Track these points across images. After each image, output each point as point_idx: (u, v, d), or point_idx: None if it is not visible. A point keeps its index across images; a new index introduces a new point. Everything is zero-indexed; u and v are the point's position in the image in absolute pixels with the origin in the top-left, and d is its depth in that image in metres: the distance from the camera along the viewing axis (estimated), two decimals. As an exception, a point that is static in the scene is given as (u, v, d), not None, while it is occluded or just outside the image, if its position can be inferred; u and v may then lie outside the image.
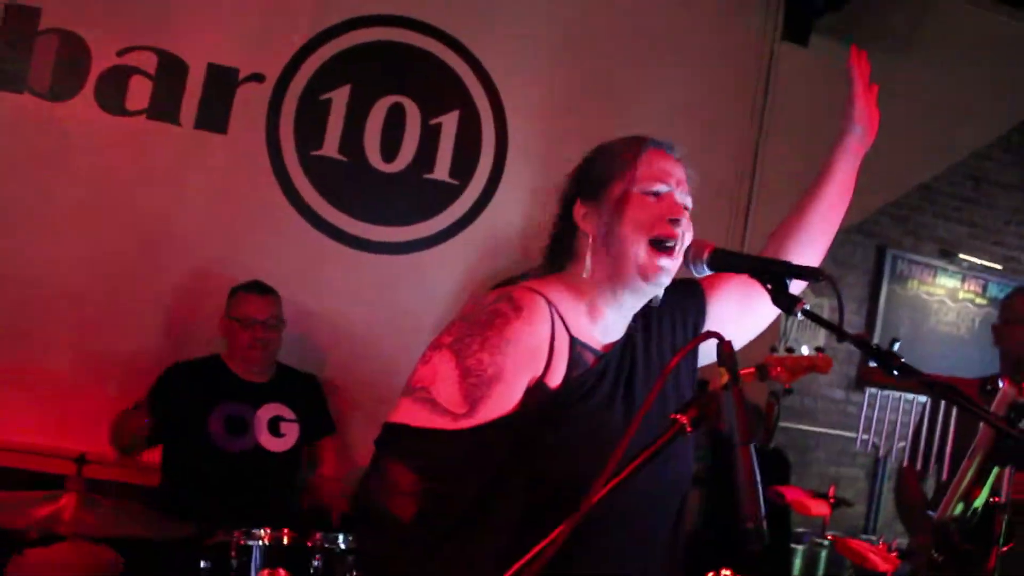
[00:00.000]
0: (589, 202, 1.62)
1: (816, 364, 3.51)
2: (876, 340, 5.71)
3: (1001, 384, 1.58)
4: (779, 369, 3.31)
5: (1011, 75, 4.58)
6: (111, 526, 2.24)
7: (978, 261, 6.09)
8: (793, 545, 4.25)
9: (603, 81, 4.13)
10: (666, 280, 1.59)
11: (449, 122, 3.96)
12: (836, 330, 1.49)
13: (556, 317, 1.56)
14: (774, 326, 2.09)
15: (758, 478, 1.21)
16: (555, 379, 1.53)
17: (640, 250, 1.55)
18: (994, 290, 6.06)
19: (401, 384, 3.97)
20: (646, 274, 1.56)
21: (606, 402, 1.57)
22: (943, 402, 2.86)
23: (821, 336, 4.69)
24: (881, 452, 5.56)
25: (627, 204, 1.57)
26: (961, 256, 6.01)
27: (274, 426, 3.32)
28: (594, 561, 1.51)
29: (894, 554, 2.29)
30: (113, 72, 3.62)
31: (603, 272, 1.60)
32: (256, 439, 3.25)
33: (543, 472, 1.50)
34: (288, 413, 3.35)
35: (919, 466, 2.75)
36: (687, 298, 1.74)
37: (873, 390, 5.33)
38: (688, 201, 1.62)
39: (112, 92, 3.61)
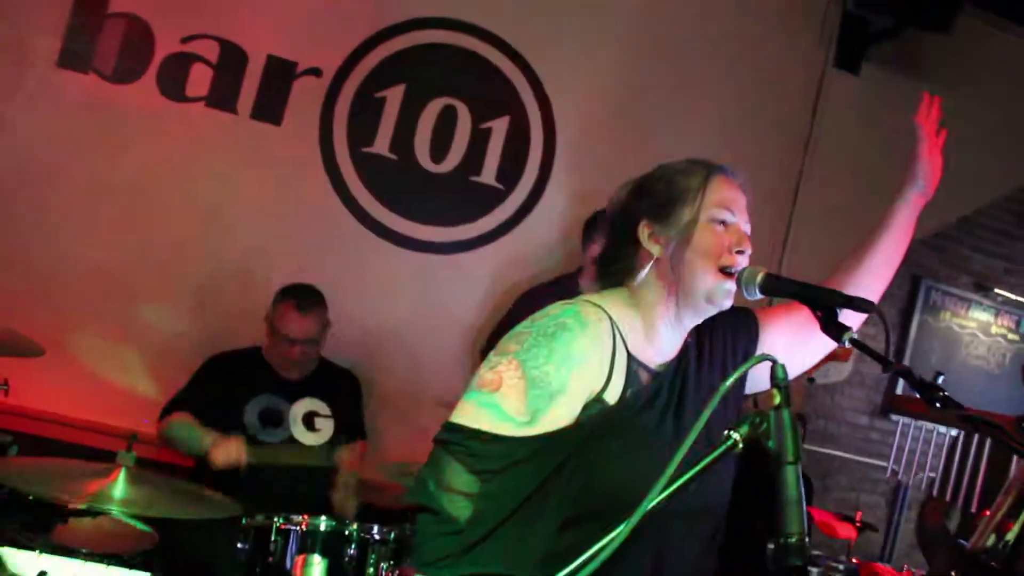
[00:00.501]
0: (655, 223, 1.66)
1: (836, 353, 3.52)
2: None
3: (1041, 423, 1.61)
4: None
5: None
6: (156, 503, 2.31)
7: (1013, 296, 6.05)
8: (810, 568, 4.28)
9: (653, 97, 4.18)
10: (730, 302, 1.64)
11: (499, 127, 4.02)
12: (883, 360, 1.54)
13: (617, 335, 1.61)
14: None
15: (803, 497, 1.26)
16: (613, 395, 1.58)
17: (708, 276, 1.61)
18: (1027, 327, 6.04)
19: (434, 383, 4.04)
20: (713, 299, 1.63)
21: (658, 419, 1.62)
22: (975, 436, 2.87)
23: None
24: (903, 480, 5.56)
25: (696, 231, 1.62)
26: (996, 291, 5.99)
27: (309, 421, 3.37)
28: (625, 570, 1.55)
29: (918, 581, 2.33)
30: (175, 58, 3.71)
31: (666, 292, 1.66)
32: (290, 432, 3.32)
33: (592, 482, 1.55)
34: (324, 409, 3.39)
35: (948, 497, 2.78)
36: (740, 326, 1.79)
37: (901, 418, 5.34)
38: (749, 229, 1.67)
39: (173, 78, 3.70)
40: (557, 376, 1.53)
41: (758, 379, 1.64)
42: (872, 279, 1.85)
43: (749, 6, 4.31)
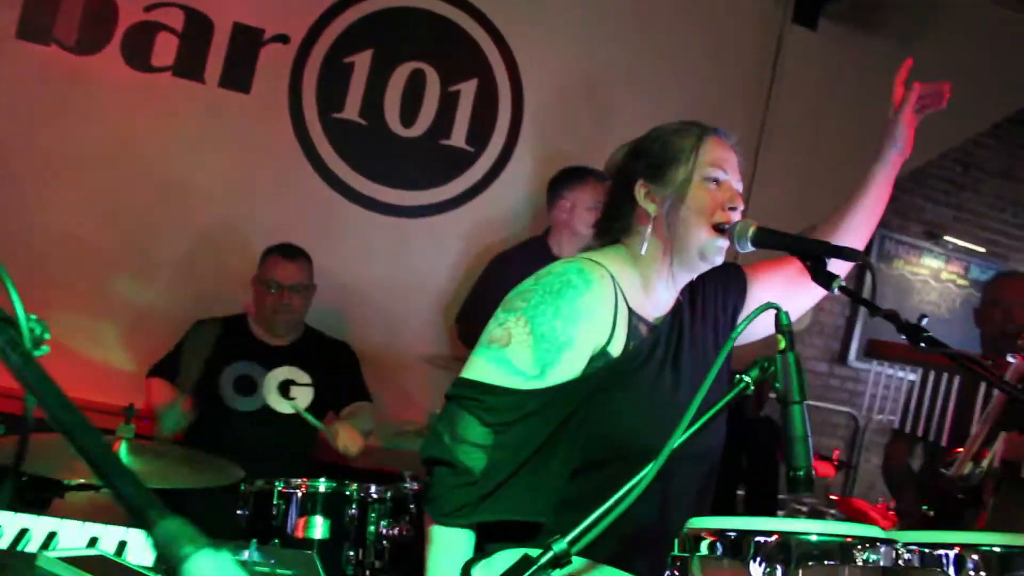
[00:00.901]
0: (650, 183, 1.74)
1: None
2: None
3: (1012, 358, 1.73)
4: None
5: (1007, 67, 4.72)
6: (157, 474, 2.33)
7: (962, 243, 6.28)
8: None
9: (618, 59, 4.23)
10: (721, 259, 1.72)
11: (467, 90, 4.05)
12: (870, 306, 1.64)
13: (618, 291, 1.70)
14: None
15: (809, 433, 1.35)
16: (616, 349, 1.67)
17: (702, 233, 1.69)
18: (976, 272, 6.26)
19: (408, 344, 4.08)
20: (705, 255, 1.71)
21: (657, 370, 1.71)
22: (931, 379, 2.98)
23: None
24: (863, 422, 5.78)
25: (690, 189, 1.70)
26: (946, 238, 6.20)
27: (284, 388, 3.35)
28: (635, 510, 1.64)
29: (891, 512, 2.46)
30: (140, 28, 3.66)
31: (662, 249, 1.74)
32: (264, 400, 3.31)
33: (599, 432, 1.64)
34: (302, 377, 3.38)
35: (908, 430, 2.91)
36: (730, 281, 1.87)
37: (862, 365, 5.54)
38: (740, 187, 1.74)
39: (138, 48, 3.66)
40: (564, 331, 1.61)
41: (747, 332, 1.72)
42: (853, 236, 1.94)
43: (710, -35, 4.37)
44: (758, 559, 1.05)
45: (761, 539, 1.06)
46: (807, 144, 4.43)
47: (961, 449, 2.08)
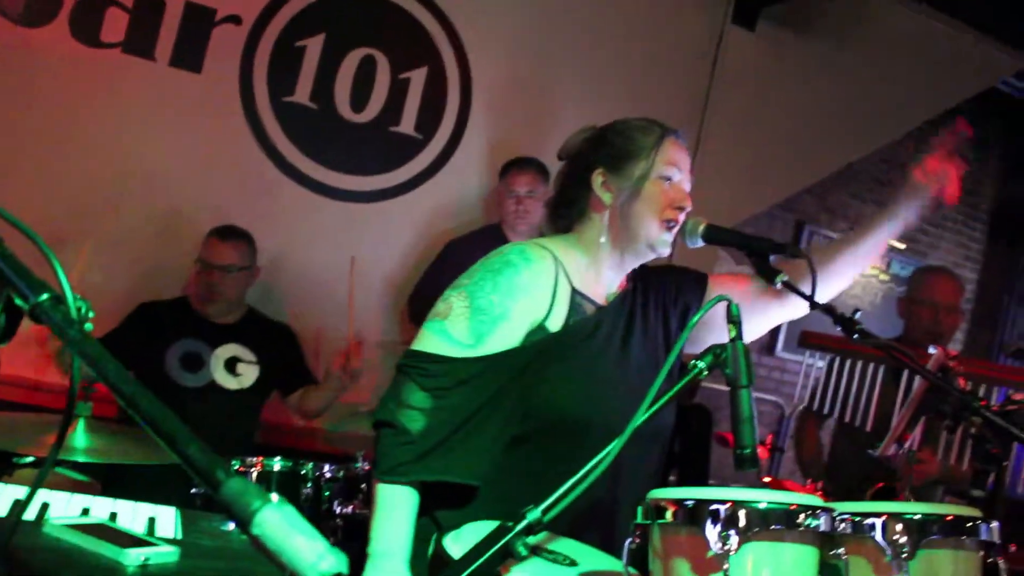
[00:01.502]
0: (609, 173, 1.85)
1: None
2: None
3: (933, 350, 1.89)
4: None
5: (930, 73, 4.97)
6: (115, 451, 2.36)
7: (884, 240, 6.55)
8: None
9: (564, 52, 4.33)
10: (667, 251, 1.84)
11: (417, 77, 4.10)
12: (809, 299, 1.78)
13: (560, 271, 1.81)
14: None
15: (756, 415, 1.47)
16: (555, 323, 1.78)
17: (652, 227, 1.81)
18: (896, 267, 6.56)
19: (357, 328, 4.13)
20: (654, 247, 1.84)
21: (600, 348, 1.82)
22: (835, 366, 3.09)
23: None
24: (787, 410, 6.03)
25: (646, 185, 1.82)
26: (871, 235, 6.46)
27: (231, 365, 3.41)
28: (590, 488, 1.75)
29: (819, 493, 2.64)
30: (89, 2, 3.62)
31: (613, 237, 1.86)
32: (212, 376, 3.36)
33: (534, 402, 1.74)
34: (248, 355, 3.43)
35: (816, 408, 3.10)
36: (690, 284, 1.97)
37: (787, 355, 5.77)
38: (689, 187, 1.86)
39: (87, 22, 3.62)
40: (500, 304, 1.73)
41: (699, 341, 1.84)
42: (837, 279, 1.94)
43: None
44: (714, 525, 1.17)
45: (716, 507, 1.18)
46: (745, 140, 4.60)
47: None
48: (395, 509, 1.67)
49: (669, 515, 1.22)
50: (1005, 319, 7.09)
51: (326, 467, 2.65)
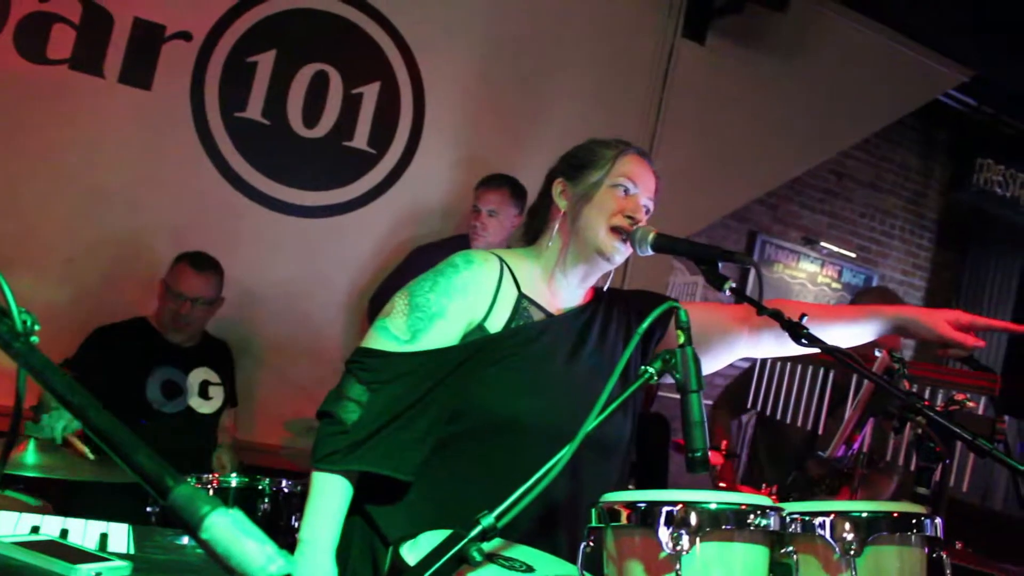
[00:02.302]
0: (567, 181, 1.89)
1: None
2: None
3: (879, 353, 1.93)
4: None
5: (875, 86, 5.10)
6: (68, 469, 2.32)
7: (836, 249, 6.69)
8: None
9: (516, 66, 4.36)
10: (619, 259, 1.86)
11: (370, 92, 4.11)
12: (757, 305, 1.80)
13: (507, 275, 1.84)
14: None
15: (705, 418, 1.49)
16: (495, 325, 1.80)
17: (600, 231, 1.82)
18: (848, 276, 6.69)
19: (314, 343, 4.12)
20: (603, 253, 1.84)
21: (543, 354, 1.82)
22: (758, 361, 3.14)
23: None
24: (743, 417, 6.09)
25: (599, 191, 1.84)
26: (822, 244, 6.60)
27: (203, 390, 3.44)
28: (548, 494, 1.76)
29: (774, 497, 2.66)
30: (34, 18, 3.58)
31: (563, 242, 1.88)
32: (187, 402, 3.38)
33: (467, 399, 1.76)
34: (214, 377, 3.48)
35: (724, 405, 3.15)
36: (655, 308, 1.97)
37: (739, 362, 5.82)
38: (651, 206, 1.88)
39: (33, 38, 3.58)
40: (437, 303, 1.77)
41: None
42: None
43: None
44: (666, 526, 1.19)
45: (668, 509, 1.19)
46: (697, 152, 4.67)
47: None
48: (325, 496, 1.70)
49: (623, 518, 1.23)
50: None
51: (283, 482, 2.63)
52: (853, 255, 6.78)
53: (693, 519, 1.19)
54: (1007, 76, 5.98)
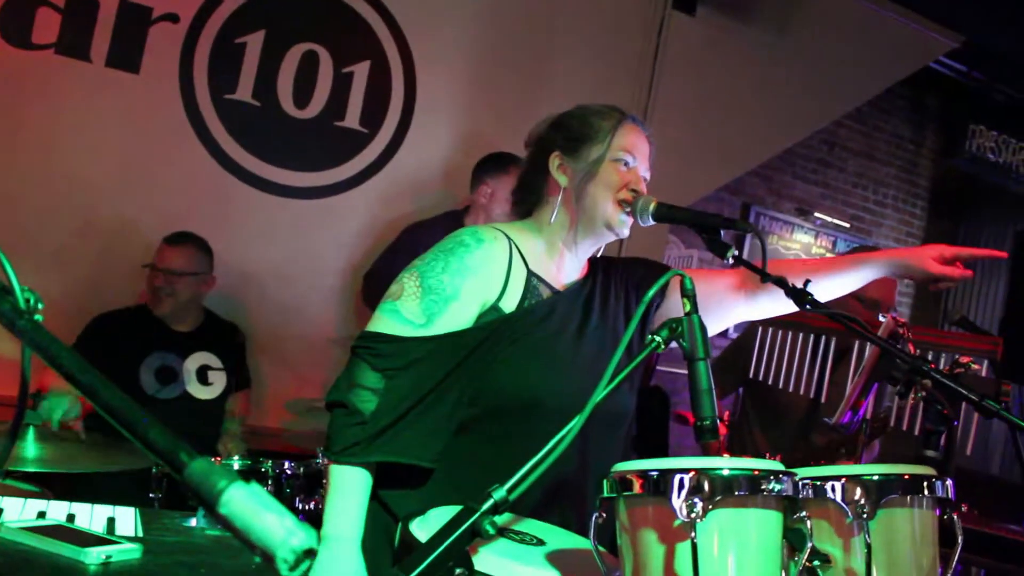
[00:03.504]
0: (565, 156, 1.86)
1: None
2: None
3: (884, 317, 1.93)
4: None
5: (867, 55, 5.07)
6: (68, 460, 2.32)
7: (830, 219, 6.69)
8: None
9: (507, 41, 4.33)
10: (626, 232, 1.85)
11: (360, 71, 4.07)
12: (761, 272, 1.79)
13: (516, 253, 1.82)
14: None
15: (713, 386, 1.48)
16: (509, 305, 1.78)
17: (608, 207, 1.82)
18: (842, 246, 6.69)
19: (310, 325, 4.11)
20: (611, 227, 1.83)
21: (555, 330, 1.82)
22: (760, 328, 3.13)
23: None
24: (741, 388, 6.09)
25: (602, 167, 1.82)
26: (816, 215, 6.59)
27: (202, 375, 3.43)
28: (555, 468, 1.76)
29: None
30: (19, 2, 3.53)
31: (569, 219, 1.86)
32: (184, 387, 3.37)
33: (487, 381, 1.74)
34: (215, 362, 3.46)
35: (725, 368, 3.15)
36: (655, 276, 1.95)
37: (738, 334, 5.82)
38: (648, 175, 1.87)
39: (17, 23, 3.52)
40: (451, 284, 1.73)
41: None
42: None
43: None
44: (679, 494, 1.18)
45: (680, 476, 1.18)
46: (688, 122, 4.64)
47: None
48: (348, 490, 1.66)
49: (635, 487, 1.22)
50: (948, 292, 7.26)
51: (286, 464, 2.63)
52: (847, 225, 6.78)
53: (706, 486, 1.18)
54: (997, 41, 5.96)
